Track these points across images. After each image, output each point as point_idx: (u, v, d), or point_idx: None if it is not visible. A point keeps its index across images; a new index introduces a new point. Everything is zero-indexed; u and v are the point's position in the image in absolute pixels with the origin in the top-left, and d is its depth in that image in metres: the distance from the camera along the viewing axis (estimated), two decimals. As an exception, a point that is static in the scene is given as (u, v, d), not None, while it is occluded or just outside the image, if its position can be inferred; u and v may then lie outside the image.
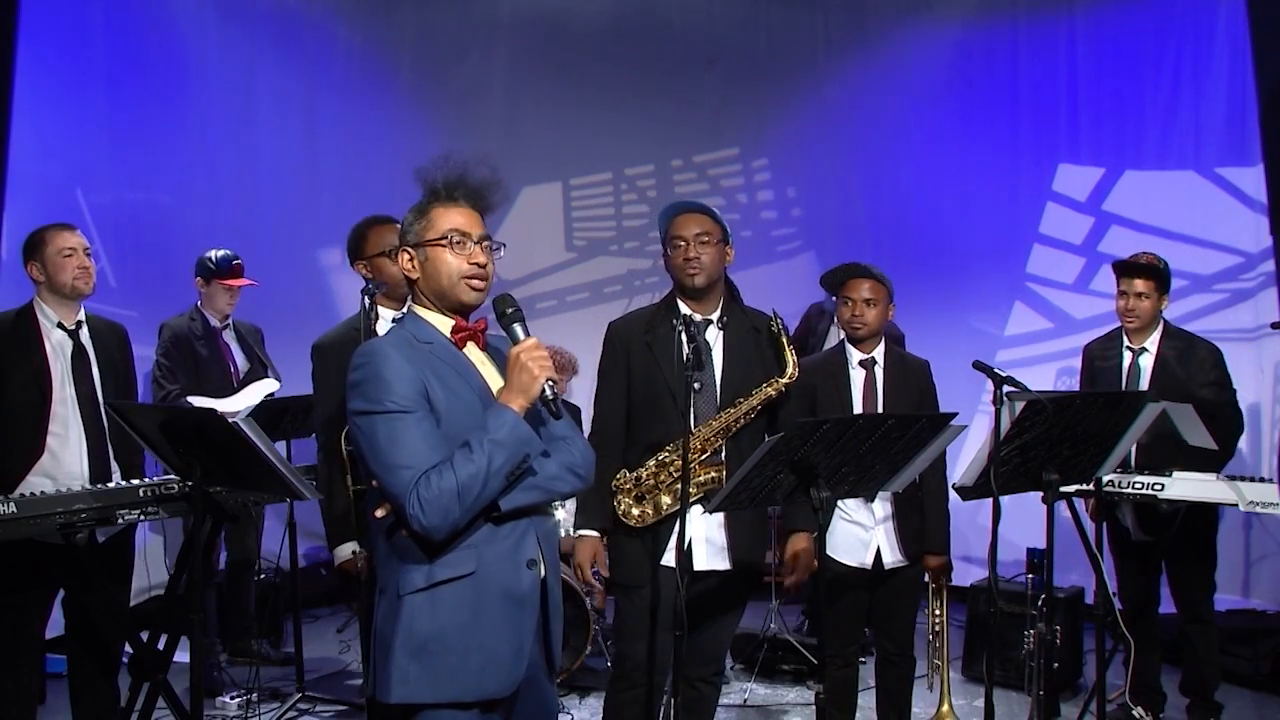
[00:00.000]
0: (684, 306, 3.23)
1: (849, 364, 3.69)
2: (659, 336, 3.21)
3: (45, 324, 3.60)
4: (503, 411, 2.14)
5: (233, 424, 2.92)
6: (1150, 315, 4.23)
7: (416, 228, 2.30)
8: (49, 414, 3.52)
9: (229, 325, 5.08)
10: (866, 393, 3.66)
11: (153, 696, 3.35)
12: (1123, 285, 4.26)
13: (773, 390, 3.18)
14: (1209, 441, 3.65)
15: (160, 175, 6.06)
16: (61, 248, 3.59)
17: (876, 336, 3.70)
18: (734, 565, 3.21)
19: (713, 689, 3.36)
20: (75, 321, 3.65)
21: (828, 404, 3.60)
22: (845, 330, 3.71)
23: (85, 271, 3.62)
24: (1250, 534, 5.70)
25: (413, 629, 2.14)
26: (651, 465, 3.15)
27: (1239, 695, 4.73)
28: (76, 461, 3.55)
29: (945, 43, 7.03)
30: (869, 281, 3.65)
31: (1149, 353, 4.27)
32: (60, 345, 3.60)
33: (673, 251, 3.22)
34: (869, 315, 3.63)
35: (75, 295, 3.63)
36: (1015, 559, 4.94)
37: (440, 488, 2.07)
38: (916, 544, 3.63)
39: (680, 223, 3.21)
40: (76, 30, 5.69)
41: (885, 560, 3.61)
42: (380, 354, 2.17)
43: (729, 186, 7.57)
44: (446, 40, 7.27)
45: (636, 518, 3.15)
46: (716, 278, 3.23)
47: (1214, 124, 6.05)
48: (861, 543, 3.60)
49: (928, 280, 6.81)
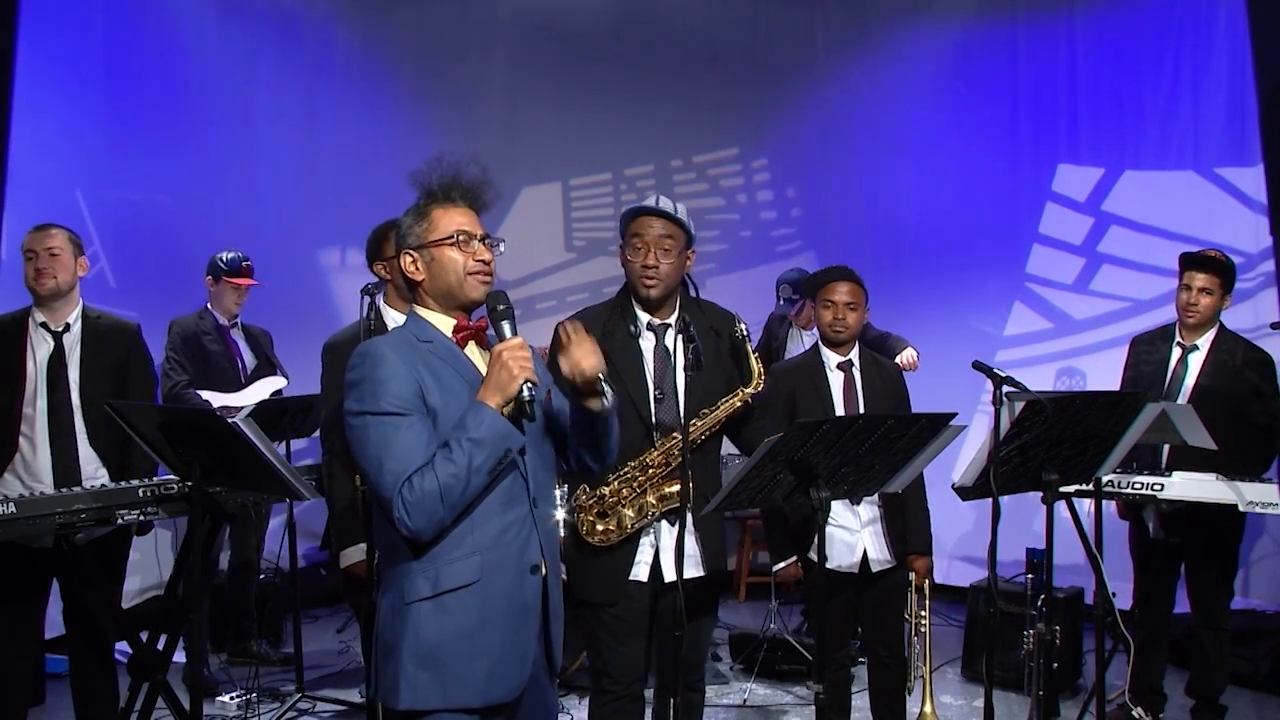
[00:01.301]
0: (641, 312, 3.09)
1: (826, 367, 3.68)
2: (616, 343, 3.03)
3: (31, 326, 3.65)
4: (480, 409, 2.14)
5: (232, 424, 2.92)
6: (1210, 312, 4.13)
7: (418, 230, 2.30)
8: (19, 416, 3.59)
9: (237, 324, 5.16)
10: (847, 395, 3.64)
11: (152, 696, 3.36)
12: (1185, 279, 4.15)
13: (739, 401, 3.08)
14: (1208, 442, 3.64)
15: (160, 176, 6.06)
16: (25, 250, 3.66)
17: (853, 340, 3.69)
18: (706, 570, 3.13)
19: (698, 695, 3.33)
20: (63, 323, 3.67)
21: (808, 407, 3.57)
22: (825, 333, 3.67)
23: (40, 273, 3.63)
24: (1250, 534, 5.70)
25: (419, 637, 2.14)
26: (614, 482, 3.02)
27: (1239, 695, 4.72)
28: (44, 464, 3.60)
29: (945, 43, 7.03)
30: (849, 284, 3.63)
31: (1200, 350, 4.17)
32: (42, 348, 3.65)
33: (631, 253, 3.05)
34: (850, 319, 3.62)
35: (38, 296, 3.66)
36: (1015, 559, 4.94)
37: (423, 490, 2.07)
38: (904, 545, 3.63)
39: (643, 223, 3.04)
40: (77, 31, 5.69)
41: (872, 561, 3.60)
42: (375, 354, 2.17)
43: (728, 186, 7.58)
44: (446, 40, 7.28)
45: (601, 534, 3.03)
46: (674, 286, 3.08)
47: (1214, 124, 6.04)
48: (848, 546, 3.59)
49: (927, 280, 6.82)
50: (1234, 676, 4.72)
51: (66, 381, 3.65)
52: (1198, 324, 4.16)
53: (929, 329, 6.12)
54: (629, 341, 3.06)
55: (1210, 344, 4.16)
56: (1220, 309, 4.16)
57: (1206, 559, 4.17)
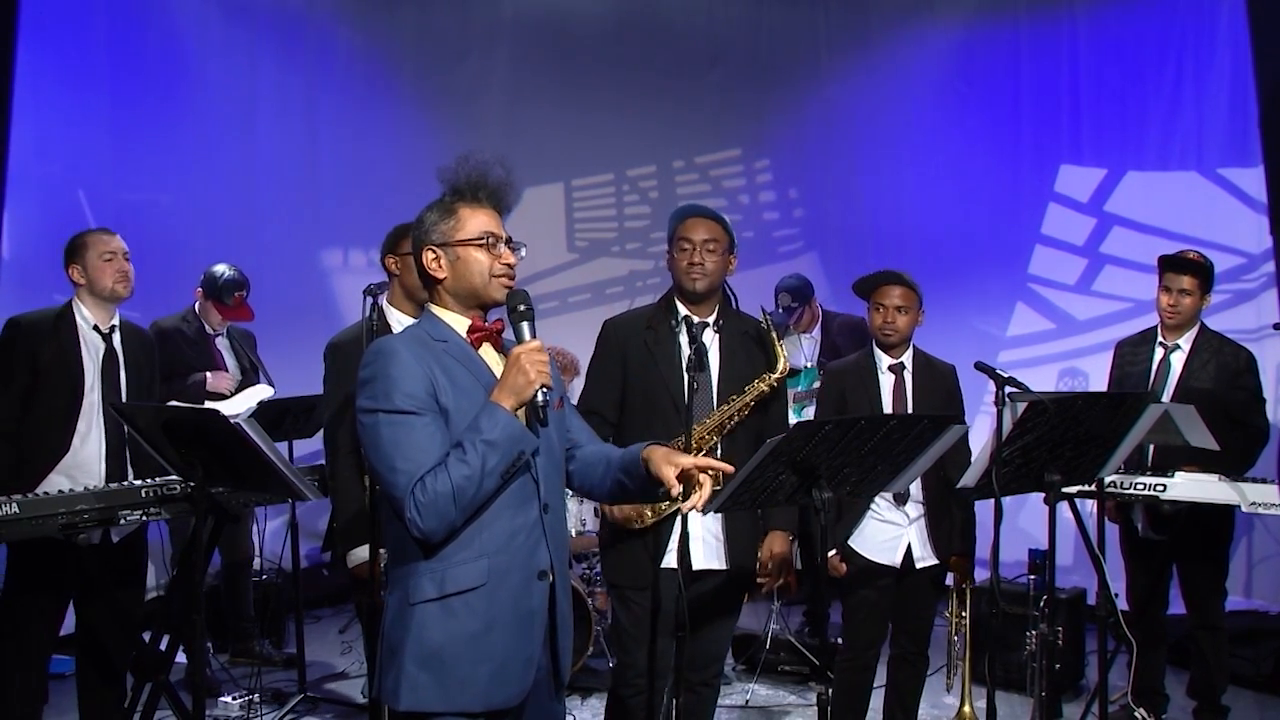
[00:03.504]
0: (682, 308, 3.26)
1: (878, 369, 3.72)
2: (658, 336, 3.24)
3: (82, 325, 3.68)
4: (494, 410, 2.12)
5: (234, 424, 2.92)
6: (1191, 313, 4.18)
7: (443, 227, 2.28)
8: (78, 413, 3.61)
9: (223, 332, 5.13)
10: (896, 397, 3.69)
11: (154, 697, 3.36)
12: (1167, 281, 4.19)
13: (764, 386, 3.22)
14: (1210, 442, 3.64)
15: (162, 176, 6.07)
16: (103, 251, 3.69)
17: (906, 343, 3.73)
18: (730, 565, 3.21)
19: (712, 691, 3.36)
20: (110, 325, 3.74)
21: (858, 408, 3.64)
22: (876, 336, 3.73)
23: (125, 276, 3.72)
24: (1252, 535, 5.70)
25: (423, 638, 2.13)
26: None
27: (1241, 696, 4.72)
28: (95, 462, 3.64)
29: (947, 43, 7.03)
30: (901, 288, 3.68)
31: (1181, 350, 4.22)
32: (94, 347, 3.69)
33: (678, 254, 3.24)
34: (900, 322, 3.66)
35: (114, 299, 3.73)
36: (1017, 559, 4.94)
37: (436, 491, 2.06)
38: (948, 545, 3.67)
39: (690, 225, 3.24)
40: (81, 31, 5.70)
41: (915, 559, 3.64)
42: (388, 352, 2.16)
43: (731, 187, 7.57)
44: (448, 41, 7.28)
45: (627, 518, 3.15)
46: (718, 284, 3.26)
47: (1216, 125, 6.04)
48: (893, 542, 3.64)
49: (929, 281, 6.70)
50: (1236, 677, 4.72)
51: (118, 382, 3.72)
52: (1178, 325, 4.21)
53: (931, 329, 6.06)
54: (669, 335, 3.23)
55: (1191, 344, 4.22)
56: (1200, 309, 4.21)
57: (1198, 559, 4.19)
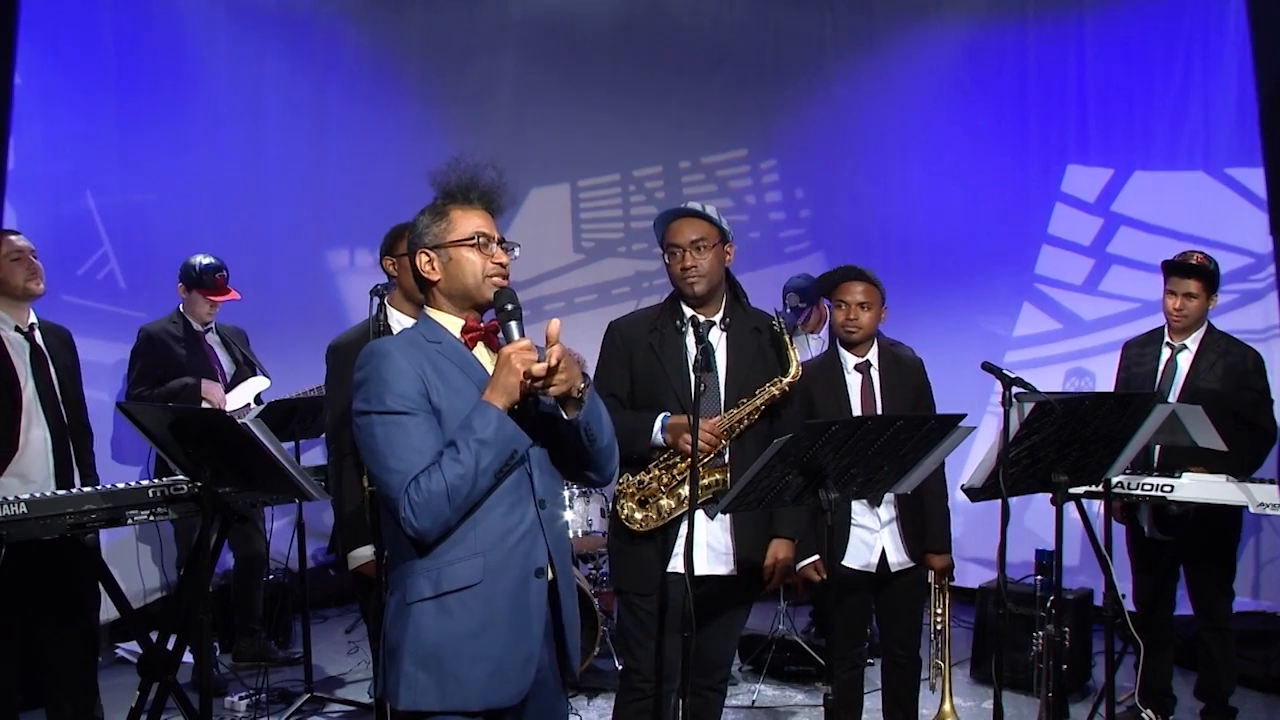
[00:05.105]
0: (687, 309, 3.23)
1: (844, 368, 3.68)
2: (664, 337, 3.21)
3: (3, 327, 3.69)
4: (487, 409, 2.13)
5: (241, 425, 2.93)
6: (1197, 315, 4.18)
7: (435, 229, 2.29)
8: (19, 415, 3.62)
9: (211, 329, 5.14)
10: (864, 397, 3.64)
11: (161, 697, 3.36)
12: (1172, 285, 4.20)
13: (776, 390, 3.17)
14: (1217, 443, 3.63)
15: (169, 176, 6.08)
16: (9, 252, 3.71)
17: (870, 340, 3.69)
18: (737, 569, 3.19)
19: (718, 695, 3.35)
20: (29, 324, 3.75)
21: (825, 409, 3.58)
22: (839, 334, 3.69)
23: (35, 273, 3.74)
24: (1260, 536, 5.68)
25: (420, 637, 2.15)
26: (654, 469, 3.14)
27: (1250, 697, 4.70)
28: (42, 458, 3.65)
29: (954, 43, 7.01)
30: (863, 285, 3.62)
31: (1189, 350, 4.22)
32: (19, 347, 3.69)
33: (670, 259, 3.21)
34: (863, 318, 3.61)
35: (28, 297, 3.75)
36: (1024, 560, 4.93)
37: (430, 490, 2.08)
38: (920, 544, 3.63)
39: (675, 229, 3.20)
40: (87, 31, 5.71)
41: (890, 562, 3.60)
42: (381, 354, 2.18)
43: (737, 188, 7.57)
44: (455, 41, 7.28)
45: (640, 522, 3.13)
46: (717, 281, 3.21)
47: (1223, 124, 6.02)
48: (867, 546, 3.59)
49: (936, 281, 6.80)
50: (1245, 678, 4.70)
51: (50, 378, 3.73)
52: (1184, 327, 4.21)
53: (938, 330, 6.11)
54: (675, 337, 3.19)
55: (1199, 344, 4.21)
56: (1207, 310, 4.20)
57: (1205, 560, 4.17)
